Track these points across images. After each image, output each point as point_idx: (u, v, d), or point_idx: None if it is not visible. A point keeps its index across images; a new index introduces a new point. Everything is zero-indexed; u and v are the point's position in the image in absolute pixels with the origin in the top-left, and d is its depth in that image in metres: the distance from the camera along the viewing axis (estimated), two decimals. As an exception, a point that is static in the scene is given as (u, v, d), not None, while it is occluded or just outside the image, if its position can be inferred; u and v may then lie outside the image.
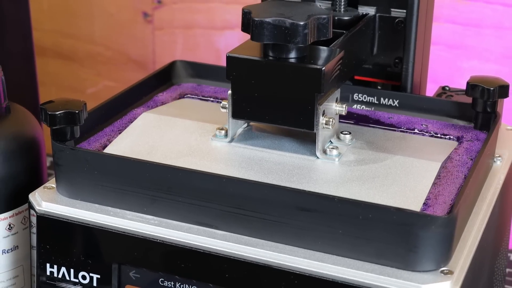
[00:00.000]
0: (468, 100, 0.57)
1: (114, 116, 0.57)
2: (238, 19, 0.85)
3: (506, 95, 0.56)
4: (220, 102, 0.54)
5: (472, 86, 0.56)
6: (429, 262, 0.44)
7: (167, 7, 0.88)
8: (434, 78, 0.76)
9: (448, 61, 0.79)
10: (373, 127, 0.56)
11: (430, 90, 0.67)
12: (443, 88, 0.63)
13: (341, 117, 0.55)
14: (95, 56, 0.94)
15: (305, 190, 0.46)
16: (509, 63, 0.77)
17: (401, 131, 0.56)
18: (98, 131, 0.55)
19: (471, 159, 0.52)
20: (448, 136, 0.55)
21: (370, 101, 0.60)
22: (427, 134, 0.56)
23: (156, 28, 0.90)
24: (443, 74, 0.79)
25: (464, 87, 0.58)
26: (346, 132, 0.54)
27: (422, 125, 0.57)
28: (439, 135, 0.55)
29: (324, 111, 0.51)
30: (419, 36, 0.59)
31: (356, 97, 0.60)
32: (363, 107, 0.60)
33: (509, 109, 0.77)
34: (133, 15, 0.90)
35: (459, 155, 0.53)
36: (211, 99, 0.61)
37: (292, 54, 0.51)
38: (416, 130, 0.56)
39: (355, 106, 0.60)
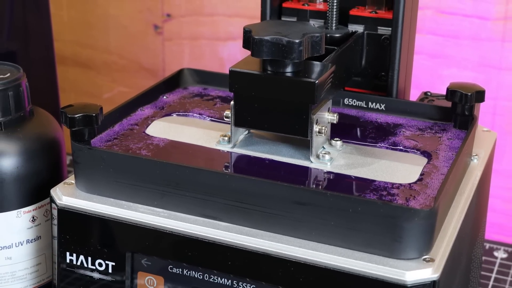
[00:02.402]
0: (448, 104, 0.57)
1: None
2: (240, 31, 0.85)
3: (482, 99, 0.56)
4: (206, 118, 0.55)
5: (452, 92, 0.56)
6: (413, 250, 0.44)
7: (175, 20, 0.88)
8: (417, 84, 0.76)
9: (430, 69, 0.79)
10: (362, 144, 0.55)
11: (414, 95, 0.67)
12: (425, 93, 0.63)
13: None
14: (111, 64, 0.94)
15: (301, 186, 0.46)
16: (485, 70, 0.77)
17: (384, 143, 0.56)
18: (109, 128, 0.55)
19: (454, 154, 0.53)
20: (422, 150, 0.55)
21: (359, 105, 0.60)
22: (404, 148, 0.56)
23: (165, 39, 0.90)
24: (425, 81, 0.79)
25: (444, 92, 0.58)
26: (337, 139, 0.54)
27: (401, 131, 0.57)
28: (417, 148, 0.55)
29: (317, 120, 0.51)
30: (403, 49, 0.59)
31: (346, 102, 0.60)
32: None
33: (485, 112, 0.77)
34: (145, 27, 0.90)
35: (444, 151, 0.53)
36: (199, 115, 0.61)
37: (289, 69, 0.51)
38: (399, 136, 0.57)
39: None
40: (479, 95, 0.56)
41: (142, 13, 0.90)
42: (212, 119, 0.58)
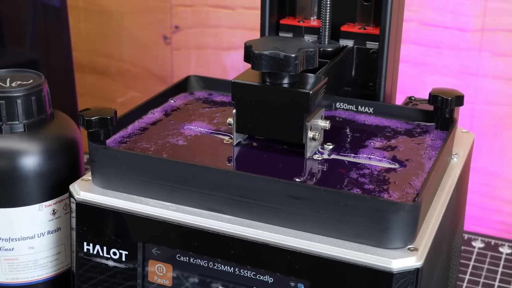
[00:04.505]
0: (430, 108, 0.57)
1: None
2: (241, 41, 0.85)
3: (461, 103, 0.56)
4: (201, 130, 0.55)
5: (434, 96, 0.56)
6: (398, 241, 0.44)
7: (183, 31, 0.88)
8: (402, 89, 0.76)
9: (414, 76, 0.79)
10: (352, 147, 0.55)
11: (399, 100, 0.67)
12: (410, 98, 0.63)
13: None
14: (124, 72, 0.94)
15: (297, 182, 0.46)
16: (464, 77, 0.77)
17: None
18: (122, 129, 0.55)
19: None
20: (406, 150, 0.55)
21: (350, 108, 0.60)
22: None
23: (174, 49, 0.90)
24: (409, 87, 0.79)
25: (427, 97, 0.58)
26: (329, 144, 0.54)
27: (388, 133, 0.56)
28: (402, 148, 0.55)
29: (311, 126, 0.51)
30: (389, 59, 0.59)
31: (338, 105, 0.60)
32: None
33: (464, 115, 0.77)
34: (155, 38, 0.90)
35: (427, 150, 0.53)
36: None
37: (285, 80, 0.51)
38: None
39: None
40: (459, 100, 0.56)
41: (152, 25, 0.90)
42: (209, 131, 0.57)
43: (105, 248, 0.51)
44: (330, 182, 0.49)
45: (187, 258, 0.49)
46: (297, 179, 0.49)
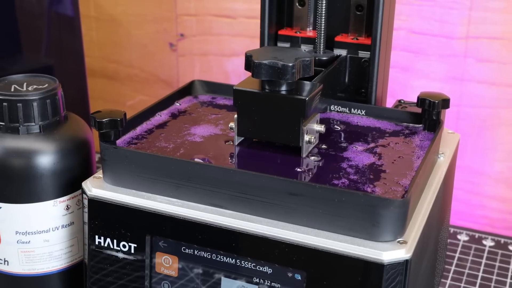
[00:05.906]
0: (418, 110, 0.57)
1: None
2: (242, 48, 0.85)
3: (447, 106, 0.56)
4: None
5: (422, 100, 0.56)
6: (389, 234, 0.45)
7: (188, 39, 0.88)
8: (392, 93, 0.76)
9: (403, 80, 0.79)
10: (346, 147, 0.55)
11: (389, 103, 0.67)
12: (399, 101, 0.63)
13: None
14: (133, 77, 0.94)
15: (294, 180, 0.46)
16: (450, 81, 0.77)
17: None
18: (131, 130, 0.55)
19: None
20: (396, 149, 0.55)
21: (343, 111, 0.60)
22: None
23: (179, 55, 0.90)
24: (399, 90, 0.79)
25: (415, 100, 0.58)
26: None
27: (379, 133, 0.56)
28: (392, 148, 0.55)
29: (307, 130, 0.51)
30: (380, 66, 0.59)
31: (333, 108, 0.60)
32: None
33: (450, 117, 0.77)
34: (162, 45, 0.90)
35: (415, 150, 0.53)
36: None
37: (283, 88, 0.51)
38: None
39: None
40: (445, 103, 0.56)
41: (159, 33, 0.90)
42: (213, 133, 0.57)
43: (115, 241, 0.51)
44: (325, 180, 0.49)
45: (191, 250, 0.49)
46: (295, 174, 0.49)
